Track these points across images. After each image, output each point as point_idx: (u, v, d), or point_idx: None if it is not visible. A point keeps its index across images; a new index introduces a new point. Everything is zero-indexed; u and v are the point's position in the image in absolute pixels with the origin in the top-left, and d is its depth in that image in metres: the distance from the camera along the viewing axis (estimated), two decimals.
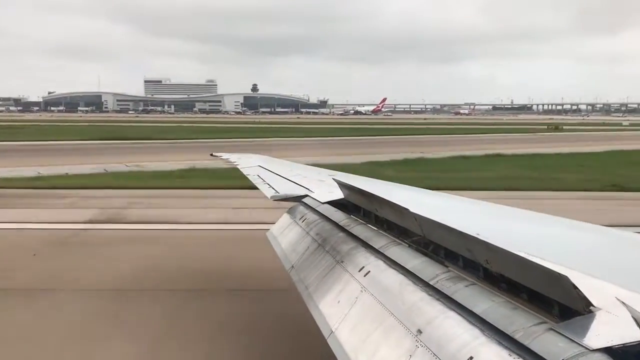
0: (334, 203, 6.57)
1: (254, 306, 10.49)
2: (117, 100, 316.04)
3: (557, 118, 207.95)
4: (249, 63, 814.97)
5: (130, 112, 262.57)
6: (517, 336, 2.68)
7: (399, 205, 4.58)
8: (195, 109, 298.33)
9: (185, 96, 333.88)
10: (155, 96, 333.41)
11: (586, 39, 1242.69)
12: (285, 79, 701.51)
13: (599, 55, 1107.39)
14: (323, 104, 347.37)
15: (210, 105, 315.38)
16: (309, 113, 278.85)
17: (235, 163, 13.02)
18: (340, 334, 3.89)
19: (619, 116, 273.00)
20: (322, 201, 6.82)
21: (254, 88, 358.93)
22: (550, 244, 4.58)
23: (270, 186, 8.94)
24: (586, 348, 2.39)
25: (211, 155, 15.74)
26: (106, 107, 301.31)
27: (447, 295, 3.39)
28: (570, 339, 2.48)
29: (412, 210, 4.37)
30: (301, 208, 7.24)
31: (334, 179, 6.83)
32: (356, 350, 3.60)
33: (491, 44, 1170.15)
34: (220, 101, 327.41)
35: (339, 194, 6.50)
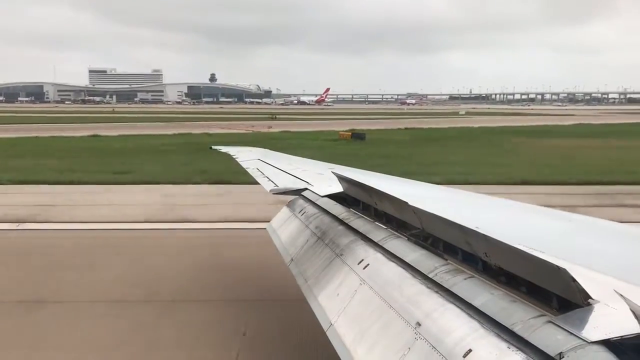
0: (333, 196, 6.56)
1: None
2: (58, 91, 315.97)
3: (479, 107, 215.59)
4: (218, 52, 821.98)
5: (67, 102, 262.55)
6: (516, 329, 2.69)
7: (398, 199, 4.58)
8: (136, 98, 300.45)
9: (128, 86, 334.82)
10: (97, 86, 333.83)
11: (554, 29, 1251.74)
12: (252, 69, 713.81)
13: (565, 45, 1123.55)
14: (267, 93, 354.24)
15: (152, 95, 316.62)
16: (252, 103, 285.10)
17: (234, 156, 13.00)
18: (339, 327, 3.90)
19: (558, 105, 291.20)
20: (322, 194, 6.82)
21: (212, 78, 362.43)
22: (549, 237, 4.58)
23: (270, 179, 8.94)
24: (584, 340, 2.39)
25: (210, 148, 15.66)
26: (47, 98, 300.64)
27: (446, 288, 3.40)
28: (569, 332, 2.49)
29: (411, 203, 4.38)
30: (301, 201, 7.23)
31: (333, 172, 6.82)
32: (355, 342, 3.60)
33: (461, 35, 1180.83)
34: (162, 91, 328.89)
35: (338, 188, 6.50)
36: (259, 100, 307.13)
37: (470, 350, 2.75)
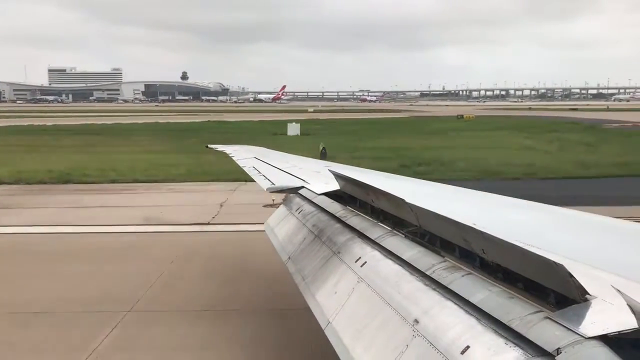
0: (330, 194, 6.56)
1: None
2: (14, 90, 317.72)
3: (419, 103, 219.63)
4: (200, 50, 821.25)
5: (18, 101, 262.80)
6: (514, 325, 2.69)
7: (395, 196, 4.58)
8: (92, 97, 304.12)
9: (84, 85, 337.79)
10: (53, 85, 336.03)
11: (536, 25, 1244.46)
12: (233, 67, 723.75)
13: (549, 42, 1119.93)
14: (225, 91, 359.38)
15: (108, 94, 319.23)
16: (208, 101, 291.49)
17: (231, 155, 12.96)
18: (337, 325, 3.90)
19: (515, 101, 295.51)
20: (318, 192, 6.81)
21: (184, 76, 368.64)
22: (546, 233, 4.59)
23: (266, 178, 8.93)
24: (582, 336, 2.40)
25: (206, 147, 15.57)
26: (4, 97, 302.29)
27: (443, 285, 3.40)
28: (566, 327, 2.49)
29: (407, 200, 4.37)
30: (297, 199, 7.23)
31: (329, 170, 6.82)
32: (353, 340, 3.61)
33: (447, 32, 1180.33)
34: (118, 89, 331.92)
35: (335, 186, 6.50)
36: (215, 98, 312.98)
37: (468, 347, 2.75)
